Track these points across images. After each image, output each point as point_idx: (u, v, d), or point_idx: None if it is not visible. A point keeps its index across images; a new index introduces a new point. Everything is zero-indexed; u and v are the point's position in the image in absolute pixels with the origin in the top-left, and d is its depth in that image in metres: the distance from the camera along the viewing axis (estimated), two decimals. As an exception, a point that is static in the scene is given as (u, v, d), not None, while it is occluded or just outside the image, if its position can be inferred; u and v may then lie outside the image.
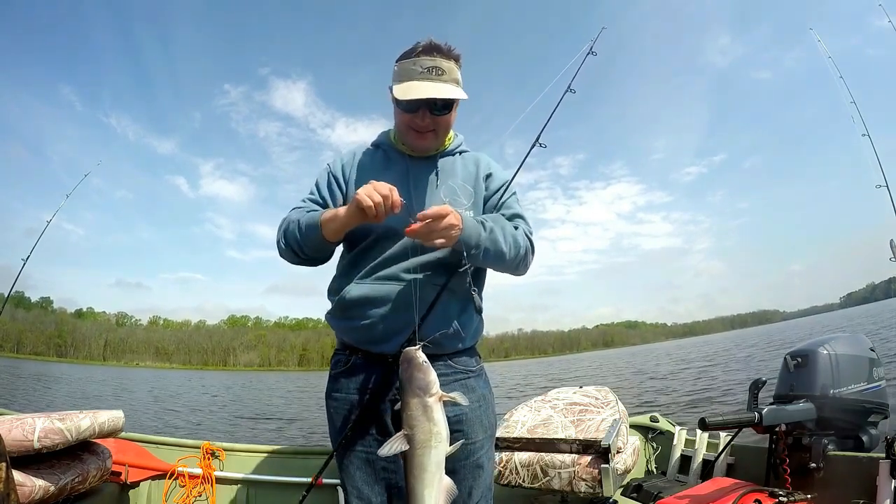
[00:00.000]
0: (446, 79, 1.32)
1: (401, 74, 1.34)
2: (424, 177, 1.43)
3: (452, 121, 1.44)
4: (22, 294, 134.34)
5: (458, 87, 1.35)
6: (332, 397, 1.41)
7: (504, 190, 1.49)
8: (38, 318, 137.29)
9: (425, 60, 1.31)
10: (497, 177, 1.51)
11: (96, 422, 1.94)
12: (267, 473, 2.58)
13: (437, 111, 1.35)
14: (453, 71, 1.34)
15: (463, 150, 1.53)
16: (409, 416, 1.06)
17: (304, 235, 1.32)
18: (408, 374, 1.08)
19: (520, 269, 1.42)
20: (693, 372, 17.59)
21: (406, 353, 1.10)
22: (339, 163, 1.49)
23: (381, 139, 1.52)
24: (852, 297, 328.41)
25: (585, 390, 2.53)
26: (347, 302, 1.34)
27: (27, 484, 1.65)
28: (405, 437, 1.06)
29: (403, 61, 1.35)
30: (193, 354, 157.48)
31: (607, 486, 1.91)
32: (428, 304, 1.29)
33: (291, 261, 1.42)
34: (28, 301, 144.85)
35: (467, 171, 1.48)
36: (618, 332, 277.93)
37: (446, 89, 1.31)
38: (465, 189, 1.44)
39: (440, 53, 1.34)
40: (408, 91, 1.30)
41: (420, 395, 1.06)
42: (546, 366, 57.50)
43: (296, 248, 1.36)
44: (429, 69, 1.31)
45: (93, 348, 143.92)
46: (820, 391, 1.87)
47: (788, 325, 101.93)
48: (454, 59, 1.36)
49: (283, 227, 1.39)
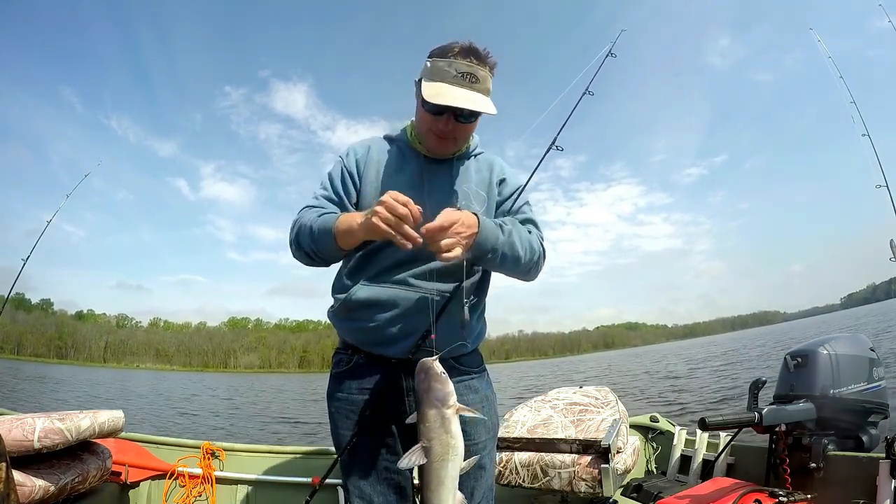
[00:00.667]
0: (479, 88, 1.26)
1: (433, 73, 1.27)
2: (439, 180, 1.39)
3: (474, 129, 1.39)
4: (22, 296, 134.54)
5: (489, 99, 1.29)
6: (333, 397, 1.39)
7: (517, 195, 1.47)
8: (38, 320, 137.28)
9: (461, 64, 1.25)
10: (510, 182, 1.48)
11: (96, 422, 1.94)
12: (267, 473, 2.58)
13: (462, 119, 1.30)
14: (487, 80, 1.28)
15: (478, 152, 1.49)
16: (426, 429, 1.03)
17: (318, 242, 1.28)
18: (425, 385, 1.04)
19: (531, 275, 1.39)
20: (707, 371, 17.61)
21: (423, 364, 1.06)
22: (352, 157, 1.42)
23: (398, 134, 1.47)
24: (853, 298, 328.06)
25: (585, 390, 2.53)
26: (353, 303, 1.32)
27: (27, 484, 1.65)
28: (422, 449, 1.03)
29: (437, 60, 1.27)
30: (194, 356, 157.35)
31: (607, 486, 1.91)
32: (436, 309, 1.27)
33: (306, 263, 1.37)
34: (28, 303, 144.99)
35: (481, 176, 1.45)
36: (618, 334, 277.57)
37: (478, 100, 1.25)
38: (478, 195, 1.41)
39: (478, 59, 1.27)
40: (438, 94, 1.23)
41: (438, 406, 1.02)
42: (551, 367, 57.42)
43: (310, 252, 1.31)
44: (463, 74, 1.24)
45: (93, 350, 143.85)
46: (820, 391, 1.87)
47: (793, 325, 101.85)
48: (490, 68, 1.30)
49: (296, 230, 1.33)
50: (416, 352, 1.27)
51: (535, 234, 1.40)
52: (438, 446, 1.02)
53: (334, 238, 1.24)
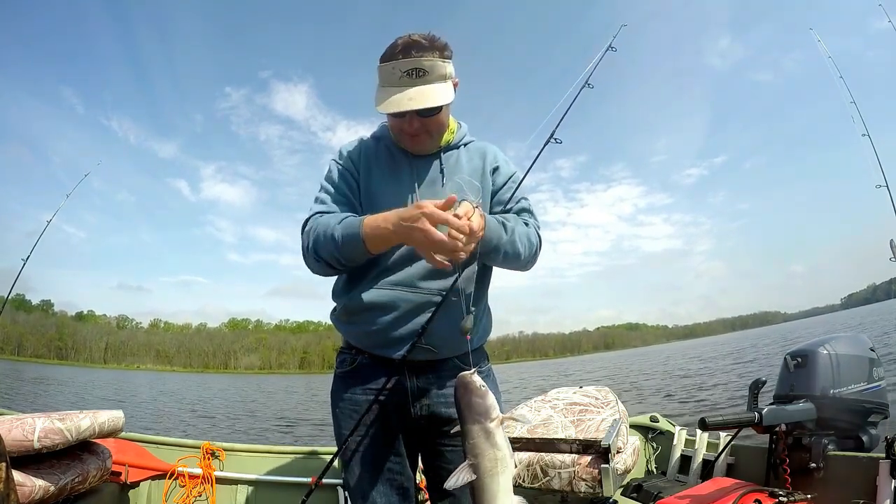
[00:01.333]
0: (429, 79, 1.21)
1: (381, 79, 1.24)
2: (429, 175, 1.37)
3: (446, 118, 1.35)
4: (23, 297, 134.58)
5: (445, 83, 1.25)
6: (337, 397, 1.38)
7: (511, 183, 1.43)
8: (38, 321, 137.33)
9: (404, 63, 1.20)
10: (503, 170, 1.44)
11: (96, 422, 1.94)
12: (267, 473, 2.58)
13: (424, 114, 1.25)
14: (437, 67, 1.22)
15: (467, 140, 1.45)
16: (472, 445, 0.99)
17: (344, 250, 1.21)
18: (466, 401, 1.01)
19: (528, 267, 1.39)
20: (708, 371, 17.60)
21: (461, 379, 1.02)
22: (347, 158, 1.40)
23: (382, 132, 1.44)
24: (853, 298, 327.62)
25: (585, 390, 2.53)
26: (354, 307, 1.31)
27: (27, 484, 1.65)
28: (469, 466, 0.99)
29: (384, 65, 1.23)
30: (194, 357, 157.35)
31: (607, 486, 1.90)
32: (436, 308, 1.27)
33: (323, 273, 1.32)
34: (29, 304, 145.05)
35: (473, 165, 1.41)
36: (619, 335, 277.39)
37: (428, 93, 1.21)
38: (472, 185, 1.37)
39: (419, 50, 1.21)
40: (387, 104, 1.21)
41: (481, 421, 0.99)
42: (552, 367, 57.33)
43: (332, 261, 1.25)
44: (409, 72, 1.20)
45: (93, 351, 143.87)
46: (820, 391, 1.86)
47: (796, 325, 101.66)
48: (438, 51, 1.24)
49: (313, 238, 1.26)
50: (413, 350, 1.26)
51: (531, 224, 1.38)
52: (486, 461, 0.99)
53: (363, 243, 1.18)
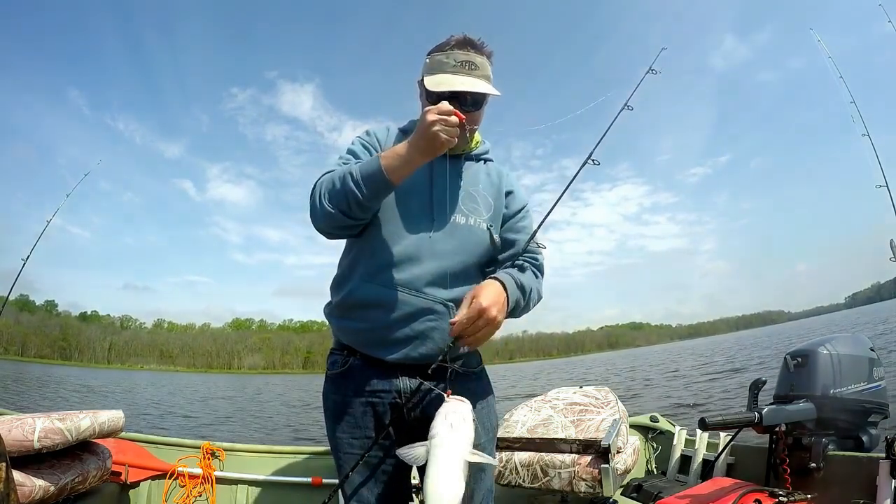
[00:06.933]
0: (479, 74, 1.30)
1: (432, 67, 1.32)
2: (448, 178, 1.38)
3: (481, 119, 1.39)
4: (27, 297, 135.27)
5: (490, 84, 1.32)
6: (329, 398, 1.37)
7: (524, 212, 1.47)
8: (42, 322, 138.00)
9: (458, 54, 1.29)
10: (518, 197, 1.47)
11: (96, 422, 1.94)
12: (267, 473, 2.58)
13: (467, 106, 1.29)
14: (486, 67, 1.32)
15: (488, 158, 1.49)
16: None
17: (363, 185, 1.18)
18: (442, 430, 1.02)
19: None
20: (708, 371, 17.54)
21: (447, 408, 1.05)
22: (374, 136, 1.44)
23: (411, 126, 1.45)
24: (857, 297, 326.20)
25: (585, 390, 2.53)
26: (352, 301, 1.30)
27: (27, 484, 1.65)
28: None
29: (436, 54, 1.32)
30: (198, 357, 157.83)
31: (607, 486, 1.90)
32: (435, 311, 1.26)
33: (334, 227, 1.28)
34: (33, 304, 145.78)
35: (490, 182, 1.44)
36: (623, 334, 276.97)
37: (479, 84, 1.29)
38: (486, 200, 1.40)
39: (473, 48, 1.31)
40: (440, 83, 1.27)
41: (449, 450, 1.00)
42: (554, 367, 57.24)
43: (345, 207, 1.21)
44: (462, 63, 1.29)
45: (97, 351, 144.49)
46: (820, 391, 1.86)
47: (800, 324, 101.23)
48: (486, 56, 1.34)
49: (327, 187, 1.24)
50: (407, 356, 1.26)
51: (540, 262, 1.41)
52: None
53: (384, 172, 1.17)
